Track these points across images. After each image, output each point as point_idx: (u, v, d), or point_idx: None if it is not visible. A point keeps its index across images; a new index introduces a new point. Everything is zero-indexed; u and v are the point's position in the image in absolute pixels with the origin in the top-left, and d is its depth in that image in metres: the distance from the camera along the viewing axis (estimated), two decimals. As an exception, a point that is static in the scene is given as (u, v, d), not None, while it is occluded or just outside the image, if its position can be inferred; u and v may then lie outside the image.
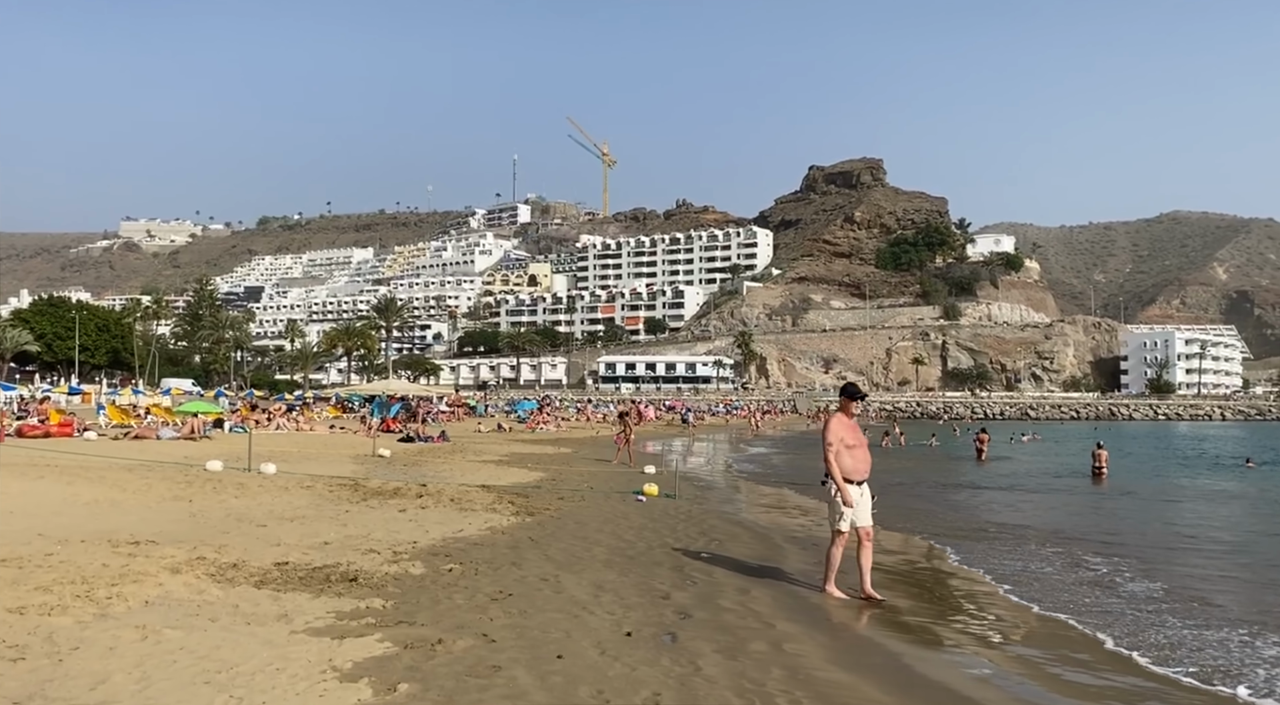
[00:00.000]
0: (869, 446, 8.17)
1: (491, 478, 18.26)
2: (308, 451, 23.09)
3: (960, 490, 21.93)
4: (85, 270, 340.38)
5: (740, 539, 11.41)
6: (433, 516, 11.80)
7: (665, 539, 10.96)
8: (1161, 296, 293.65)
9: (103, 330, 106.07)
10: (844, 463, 7.92)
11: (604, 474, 20.61)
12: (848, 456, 7.95)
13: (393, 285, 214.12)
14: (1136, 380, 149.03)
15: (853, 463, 7.96)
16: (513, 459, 24.51)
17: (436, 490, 14.63)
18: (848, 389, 8.33)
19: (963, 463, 34.94)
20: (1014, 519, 15.93)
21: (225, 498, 12.74)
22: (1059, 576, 10.05)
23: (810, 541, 11.70)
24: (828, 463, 8.02)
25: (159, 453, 19.79)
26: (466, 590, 7.36)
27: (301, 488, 14.43)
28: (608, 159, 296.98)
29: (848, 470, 7.90)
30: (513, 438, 38.30)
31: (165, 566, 7.53)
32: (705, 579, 8.47)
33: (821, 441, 8.11)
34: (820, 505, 16.42)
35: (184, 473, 15.68)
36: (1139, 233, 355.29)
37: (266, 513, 11.47)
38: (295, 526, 10.43)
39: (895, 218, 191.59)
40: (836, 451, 7.96)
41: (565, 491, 16.07)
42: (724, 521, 13.16)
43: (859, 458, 8.00)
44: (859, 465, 8.00)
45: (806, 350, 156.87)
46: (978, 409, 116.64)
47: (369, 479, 16.54)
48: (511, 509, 12.84)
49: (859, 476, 7.99)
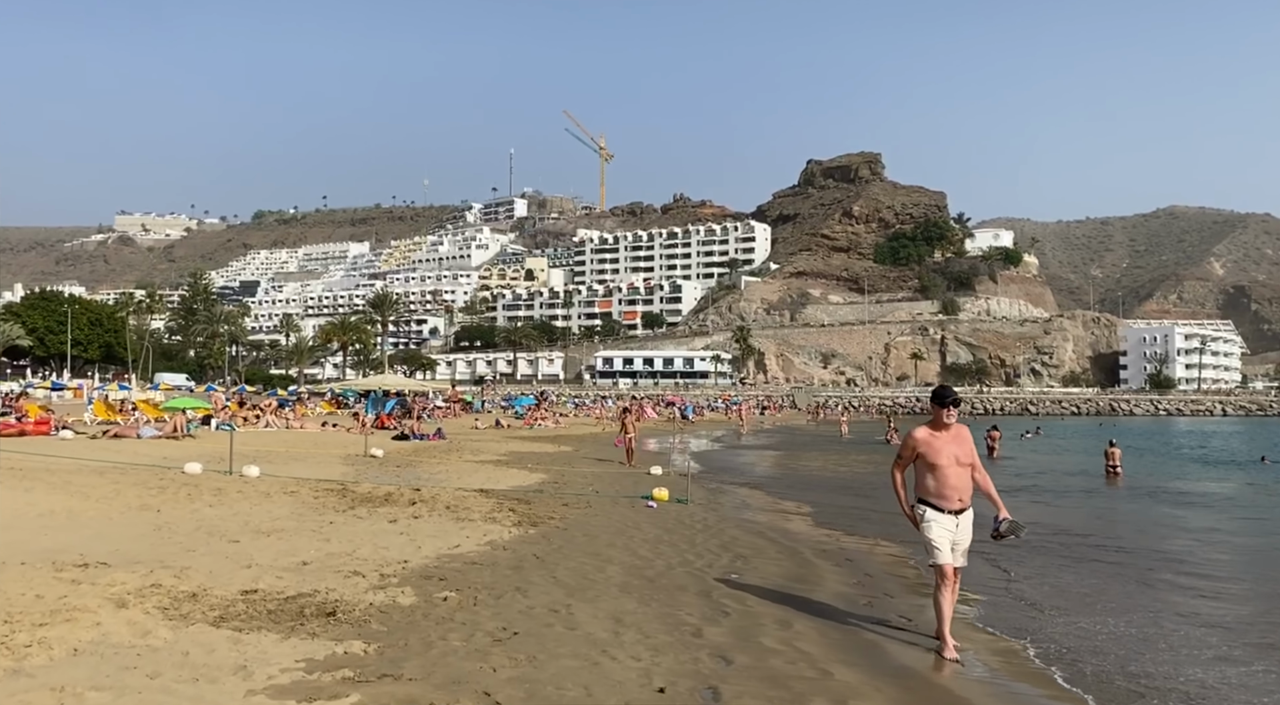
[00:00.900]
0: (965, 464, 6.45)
1: (490, 480, 17.16)
2: (296, 451, 21.96)
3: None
4: (80, 264, 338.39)
5: (766, 554, 10.32)
6: (426, 528, 10.70)
7: (685, 555, 9.87)
8: (1159, 292, 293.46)
9: (95, 324, 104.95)
10: (926, 484, 6.48)
11: (609, 476, 19.53)
12: (931, 476, 6.44)
13: (389, 280, 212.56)
14: (1136, 375, 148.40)
15: (938, 484, 6.40)
16: (512, 458, 23.42)
17: (431, 496, 13.51)
18: (938, 393, 6.61)
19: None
20: (1052, 521, 14.83)
21: (199, 506, 11.61)
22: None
23: (843, 556, 10.64)
24: (893, 479, 6.80)
25: (137, 453, 18.64)
26: (464, 627, 6.26)
27: (285, 493, 13.31)
28: (604, 153, 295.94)
29: (930, 493, 6.44)
30: (510, 434, 37.24)
31: (111, 597, 6.42)
32: (739, 608, 7.38)
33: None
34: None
35: (159, 476, 14.55)
36: (1136, 228, 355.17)
37: (241, 525, 10.36)
38: (272, 542, 9.31)
39: (894, 212, 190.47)
40: (905, 466, 6.67)
41: (569, 496, 14.99)
42: (744, 532, 12.08)
43: (950, 479, 6.39)
44: (949, 488, 6.38)
45: (805, 345, 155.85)
46: (978, 404, 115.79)
47: (359, 482, 15.44)
48: (513, 518, 11.75)
49: (949, 503, 6.39)
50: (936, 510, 6.43)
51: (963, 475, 6.44)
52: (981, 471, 6.59)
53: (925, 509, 6.47)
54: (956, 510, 6.43)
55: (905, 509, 6.66)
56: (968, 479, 6.49)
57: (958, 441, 6.46)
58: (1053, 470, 27.81)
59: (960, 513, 6.45)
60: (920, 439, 6.47)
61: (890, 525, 13.81)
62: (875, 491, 19.73)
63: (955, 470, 6.40)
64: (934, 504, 6.43)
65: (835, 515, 15.07)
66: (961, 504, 6.43)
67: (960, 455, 6.42)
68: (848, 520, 14.42)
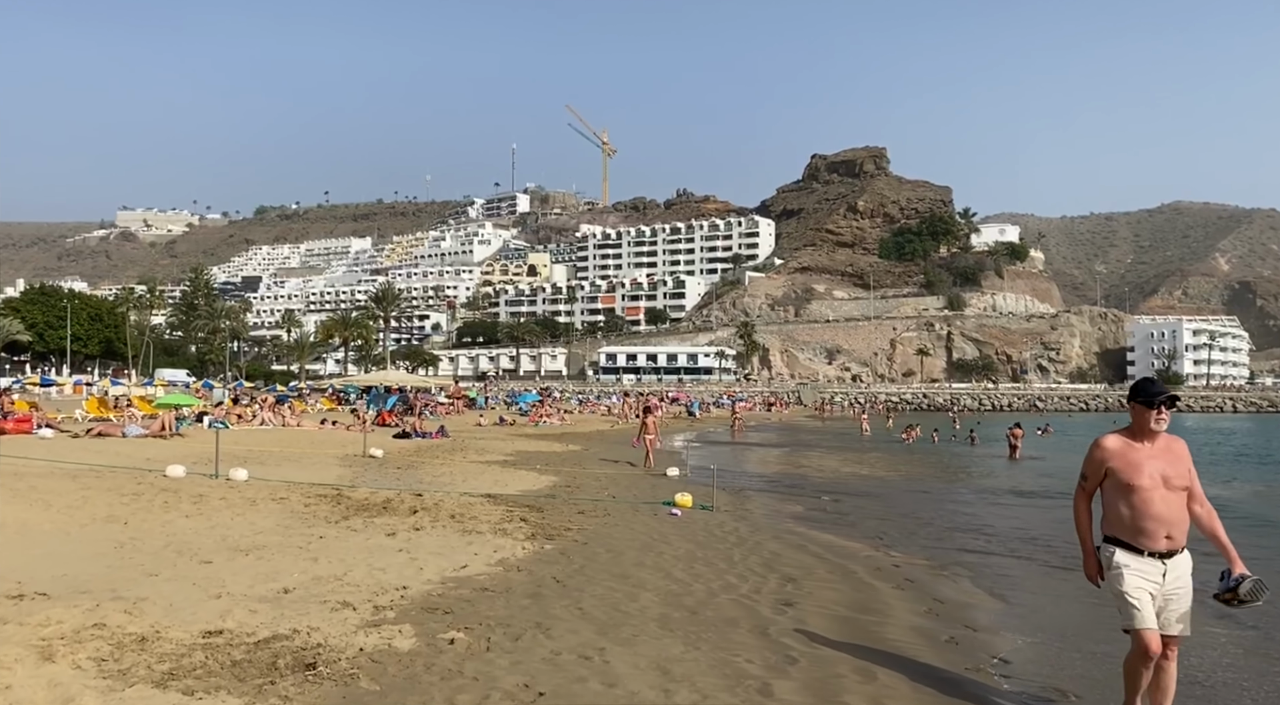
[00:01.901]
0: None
1: (497, 484, 15.90)
2: (292, 451, 20.71)
3: (999, 500, 19.27)
4: (82, 260, 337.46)
5: (816, 575, 9.05)
6: (429, 542, 9.45)
7: (726, 577, 8.60)
8: (1163, 287, 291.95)
9: (95, 320, 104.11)
10: (1118, 514, 4.63)
11: (623, 478, 18.27)
12: (1125, 504, 4.58)
13: (391, 275, 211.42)
14: (1143, 371, 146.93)
15: (1136, 515, 4.55)
16: (519, 458, 22.16)
17: (434, 503, 12.26)
18: (1142, 388, 4.69)
19: (988, 461, 32.64)
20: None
21: (173, 517, 10.35)
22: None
23: (900, 576, 9.36)
24: (1076, 513, 4.86)
25: (119, 454, 17.40)
26: (477, 685, 5.01)
27: (273, 500, 12.05)
28: (607, 148, 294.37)
29: (1125, 527, 4.60)
30: (515, 432, 36.01)
31: (37, 644, 5.18)
32: (807, 652, 6.11)
33: None
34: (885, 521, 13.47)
35: (137, 481, 13.31)
36: (1140, 223, 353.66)
37: (218, 540, 9.11)
38: (250, 563, 8.07)
39: (899, 207, 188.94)
40: (1093, 491, 4.80)
41: (584, 502, 13.73)
42: (784, 546, 10.79)
43: (1156, 507, 4.53)
44: (1153, 520, 4.53)
45: (810, 341, 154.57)
46: (985, 401, 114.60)
47: (356, 487, 14.19)
48: (525, 530, 10.49)
49: (1153, 541, 4.53)
50: (1131, 552, 4.57)
51: (1174, 503, 4.56)
52: (1204, 502, 4.70)
53: (1114, 550, 4.62)
54: (1164, 553, 4.54)
55: (1086, 548, 4.79)
56: (1182, 508, 4.59)
57: (1169, 456, 4.61)
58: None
59: (1169, 556, 4.56)
60: (1112, 450, 4.63)
61: (935, 539, 12.62)
62: (906, 498, 18.53)
63: (1163, 495, 4.53)
64: (1128, 543, 4.58)
65: (873, 525, 13.83)
66: (1171, 543, 4.55)
67: (1172, 475, 4.56)
68: (888, 531, 13.18)
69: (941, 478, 24.32)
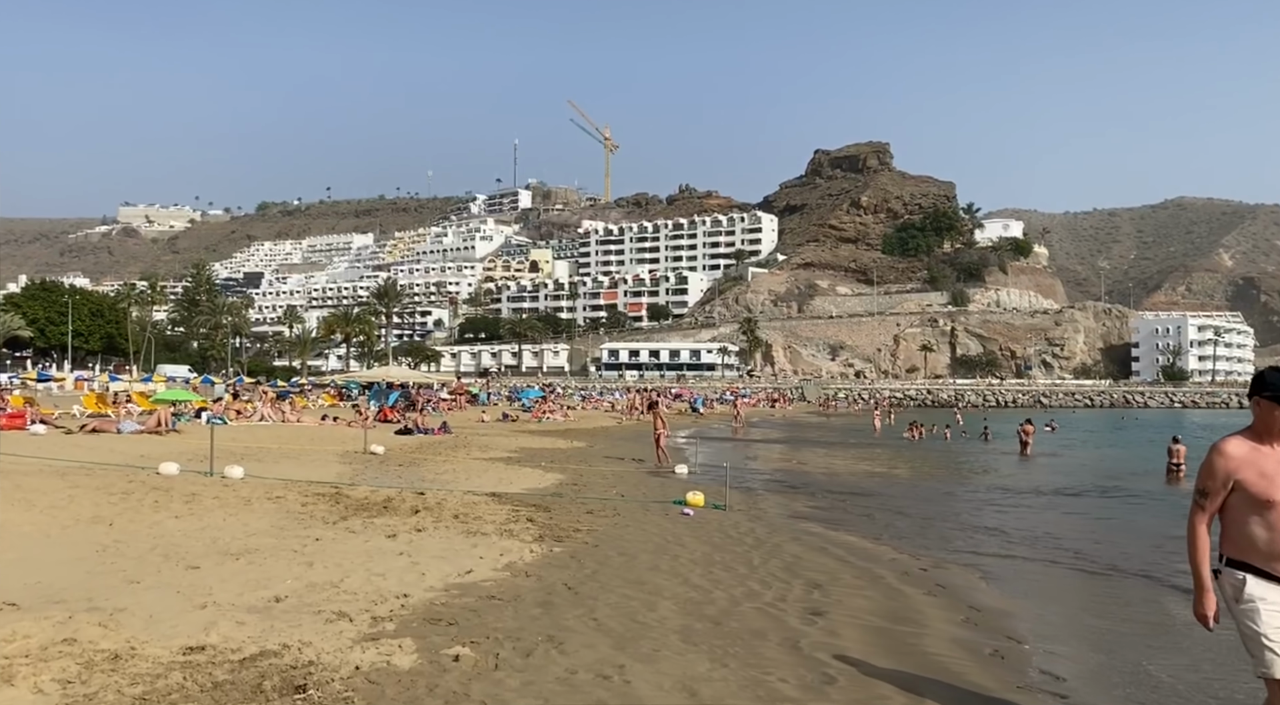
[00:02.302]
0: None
1: (502, 482, 15.39)
2: (291, 447, 20.22)
3: (1021, 500, 18.68)
4: (84, 256, 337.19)
5: (843, 581, 8.52)
6: (431, 545, 8.94)
7: (748, 583, 8.08)
8: (1167, 283, 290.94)
9: (96, 315, 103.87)
10: (1249, 534, 3.73)
11: (631, 476, 17.76)
12: (1260, 522, 3.70)
13: (393, 271, 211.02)
14: (1148, 367, 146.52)
15: (1274, 535, 3.67)
16: (523, 455, 21.64)
17: (436, 502, 11.74)
18: (1269, 381, 3.76)
19: (1001, 458, 32.13)
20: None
21: (162, 518, 9.84)
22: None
23: (930, 581, 8.84)
24: (1191, 535, 3.88)
25: (113, 450, 16.92)
26: (484, 709, 4.51)
27: (268, 500, 11.55)
28: (609, 143, 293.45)
29: (1259, 550, 3.72)
30: (519, 428, 35.55)
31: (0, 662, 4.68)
32: (845, 671, 5.57)
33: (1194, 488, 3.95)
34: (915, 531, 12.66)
35: (128, 479, 12.80)
36: (1144, 219, 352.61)
37: (209, 543, 8.60)
38: (240, 568, 7.56)
39: (902, 202, 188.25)
40: (1213, 509, 3.84)
41: (593, 501, 13.20)
42: (805, 548, 10.26)
43: None
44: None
45: (813, 337, 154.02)
46: (990, 397, 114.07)
47: (356, 485, 13.68)
48: (532, 531, 9.97)
49: None
50: (1268, 580, 3.69)
51: None
52: None
53: (1246, 578, 3.73)
54: None
55: (1203, 581, 3.82)
56: None
57: None
58: (1113, 469, 26.00)
59: None
60: (1240, 458, 3.75)
61: (959, 541, 12.08)
62: (923, 497, 17.97)
63: None
64: (1264, 569, 3.70)
65: (893, 525, 13.32)
66: None
67: None
68: (909, 532, 12.67)
69: (957, 476, 23.80)
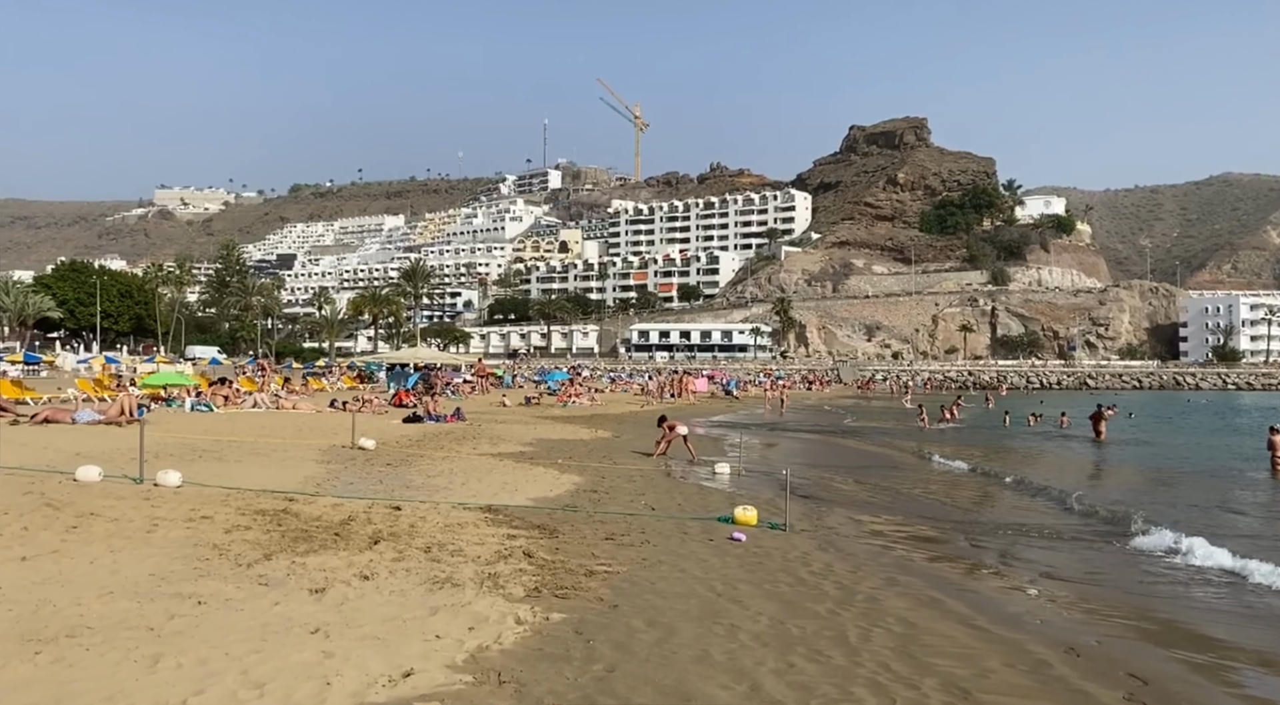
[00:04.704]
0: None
1: (505, 487, 13.26)
2: (270, 440, 18.06)
3: (1155, 497, 16.27)
4: (121, 238, 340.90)
5: (994, 673, 5.93)
6: (371, 611, 6.39)
7: (850, 684, 5.52)
8: (1211, 261, 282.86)
9: (125, 296, 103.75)
10: None
11: (663, 479, 15.50)
12: None
13: (423, 252, 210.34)
14: (1197, 348, 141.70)
15: None
16: (538, 449, 19.54)
17: (409, 524, 9.48)
18: None
19: (1089, 448, 29.50)
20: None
21: (8, 556, 7.30)
22: None
23: (1118, 669, 6.22)
24: None
25: (47, 447, 14.51)
26: None
27: (186, 522, 9.06)
28: (639, 122, 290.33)
29: None
30: (540, 414, 33.55)
31: None
32: None
33: None
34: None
35: (27, 488, 10.41)
36: (1188, 196, 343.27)
37: (29, 610, 5.97)
38: (27, 675, 4.85)
39: (940, 179, 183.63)
40: None
41: (614, 518, 10.94)
42: (913, 602, 7.66)
43: None
44: None
45: (848, 317, 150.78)
46: (1033, 378, 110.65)
47: (319, 494, 11.41)
48: (527, 578, 7.55)
49: None
50: None
51: None
52: None
53: None
54: None
55: None
56: None
57: None
58: (1198, 460, 23.56)
59: None
60: None
61: (1126, 580, 9.40)
62: (1032, 506, 15.04)
63: None
64: None
65: (1010, 551, 10.77)
66: None
67: None
68: (1038, 561, 10.17)
69: (1055, 473, 20.69)
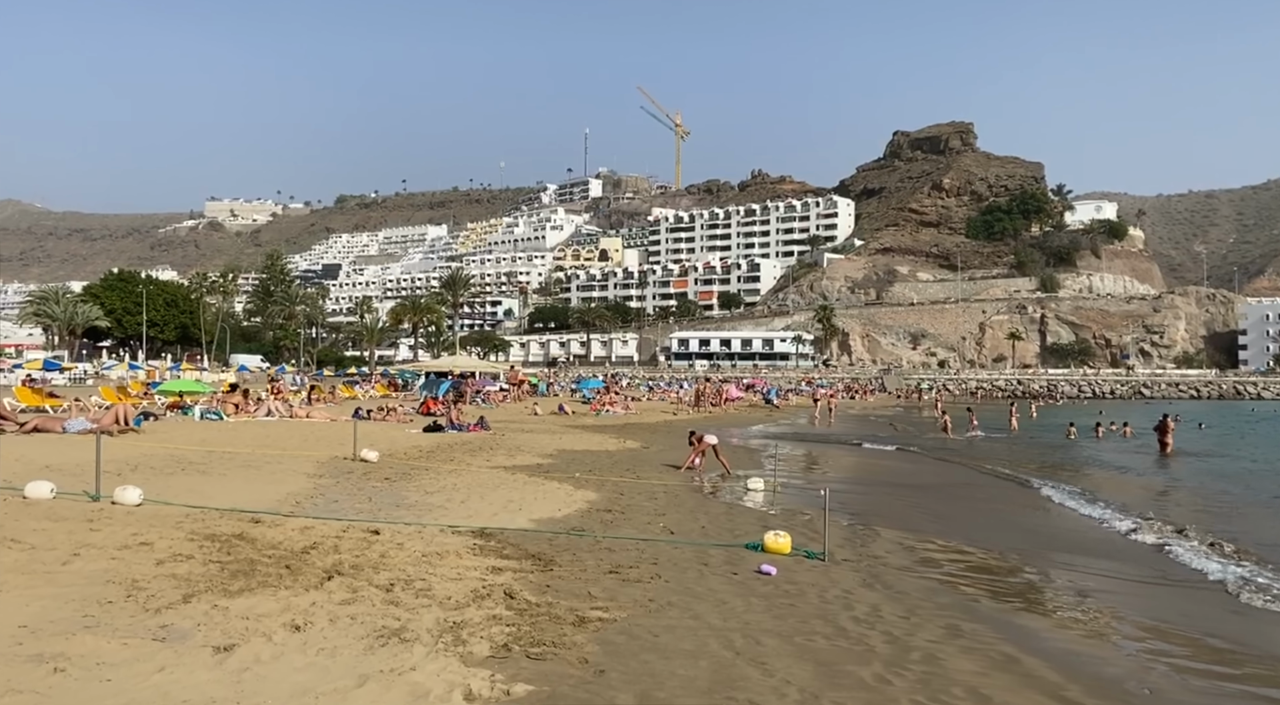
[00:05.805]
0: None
1: (509, 505, 12.10)
2: (268, 451, 16.91)
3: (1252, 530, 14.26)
4: (173, 249, 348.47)
5: None
6: (286, 678, 5.05)
7: None
8: (1270, 267, 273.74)
9: (171, 305, 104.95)
10: None
11: (688, 496, 14.22)
12: None
13: (465, 262, 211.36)
14: (1257, 356, 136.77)
15: None
16: (558, 461, 18.41)
17: (380, 554, 8.20)
18: None
19: (1125, 455, 27.81)
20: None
21: None
22: None
23: None
24: None
25: (19, 459, 13.42)
26: None
27: (115, 551, 7.70)
28: (680, 130, 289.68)
29: None
30: (571, 423, 32.48)
31: None
32: None
33: None
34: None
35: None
36: (1244, 200, 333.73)
37: None
38: None
39: (987, 184, 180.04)
40: None
41: (625, 544, 9.69)
42: (979, 662, 6.32)
43: None
44: None
45: (892, 325, 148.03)
46: (1086, 387, 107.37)
47: (292, 515, 10.22)
48: (499, 628, 6.14)
49: None
50: None
51: None
52: None
53: None
54: None
55: None
56: None
57: None
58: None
59: None
60: None
61: (1236, 631, 8.10)
62: (1099, 532, 13.59)
63: None
64: None
65: (1096, 594, 9.28)
66: None
67: None
68: (1128, 605, 8.80)
69: (1119, 490, 19.15)
